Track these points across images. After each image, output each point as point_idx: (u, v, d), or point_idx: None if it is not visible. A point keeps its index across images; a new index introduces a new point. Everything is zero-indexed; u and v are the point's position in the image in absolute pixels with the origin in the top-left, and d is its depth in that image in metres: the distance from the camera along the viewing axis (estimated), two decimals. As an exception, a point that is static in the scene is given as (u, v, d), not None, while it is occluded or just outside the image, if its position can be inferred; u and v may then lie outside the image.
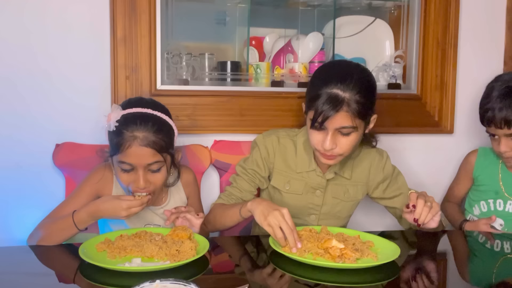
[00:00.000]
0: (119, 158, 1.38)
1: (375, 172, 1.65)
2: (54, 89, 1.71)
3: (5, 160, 1.70)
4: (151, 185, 1.40)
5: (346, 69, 1.48)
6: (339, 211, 1.65)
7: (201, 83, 1.85)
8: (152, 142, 1.36)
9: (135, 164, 1.37)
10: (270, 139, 1.62)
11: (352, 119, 1.42)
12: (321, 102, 1.41)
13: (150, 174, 1.40)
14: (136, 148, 1.35)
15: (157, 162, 1.39)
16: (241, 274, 1.25)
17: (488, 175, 1.80)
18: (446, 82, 2.01)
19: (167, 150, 1.41)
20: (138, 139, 1.35)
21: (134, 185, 1.39)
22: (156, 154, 1.37)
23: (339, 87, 1.41)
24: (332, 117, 1.41)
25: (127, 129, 1.35)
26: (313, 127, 1.46)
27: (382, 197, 1.67)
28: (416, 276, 1.23)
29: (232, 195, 1.61)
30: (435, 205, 1.41)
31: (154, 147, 1.36)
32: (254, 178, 1.62)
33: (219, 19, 2.05)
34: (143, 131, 1.36)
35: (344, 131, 1.44)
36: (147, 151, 1.36)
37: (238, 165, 1.66)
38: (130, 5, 1.71)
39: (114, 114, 1.37)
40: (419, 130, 2.02)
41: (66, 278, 1.20)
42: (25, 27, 1.68)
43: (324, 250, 1.27)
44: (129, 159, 1.37)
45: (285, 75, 1.92)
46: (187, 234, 1.33)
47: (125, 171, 1.39)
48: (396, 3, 2.04)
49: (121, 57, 1.72)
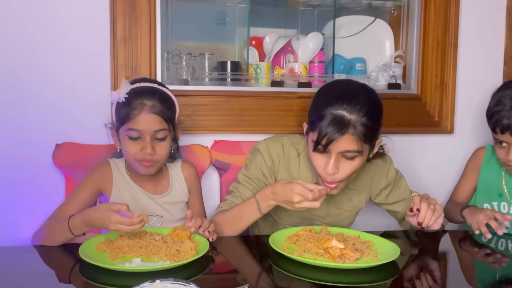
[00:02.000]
0: (128, 126, 1.44)
1: (379, 178, 1.62)
2: (54, 89, 1.71)
3: (5, 160, 1.70)
4: (156, 154, 1.46)
5: (352, 89, 1.40)
6: (342, 220, 1.63)
7: (201, 83, 1.85)
8: (160, 110, 1.45)
9: (144, 129, 1.43)
10: (274, 148, 1.56)
11: (358, 143, 1.35)
12: (325, 124, 1.34)
13: (156, 142, 1.46)
14: (146, 114, 1.43)
15: (164, 130, 1.46)
16: (241, 274, 1.25)
17: (493, 174, 1.77)
18: (446, 82, 2.01)
19: (172, 121, 1.50)
20: (147, 106, 1.44)
21: (141, 153, 1.45)
22: (163, 121, 1.45)
23: (345, 108, 1.34)
24: (336, 141, 1.34)
25: (137, 98, 1.44)
26: (316, 150, 1.39)
27: (385, 202, 1.66)
28: (416, 276, 1.23)
29: (234, 204, 1.53)
30: (438, 207, 1.40)
31: (162, 115, 1.45)
32: (258, 187, 1.55)
33: (219, 19, 2.05)
34: (151, 100, 1.45)
35: (348, 155, 1.37)
36: (155, 117, 1.44)
37: (240, 173, 1.59)
38: (130, 5, 1.71)
39: (124, 88, 1.45)
40: (419, 130, 2.02)
41: (66, 278, 1.20)
42: (24, 27, 1.68)
43: (324, 250, 1.27)
44: (138, 125, 1.43)
45: (285, 75, 1.92)
46: (187, 234, 1.33)
47: (133, 139, 1.45)
48: (396, 3, 2.04)
49: (121, 57, 1.73)
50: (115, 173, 1.55)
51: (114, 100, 1.46)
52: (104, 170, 1.55)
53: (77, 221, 1.34)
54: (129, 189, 1.55)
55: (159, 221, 1.55)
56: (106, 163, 1.57)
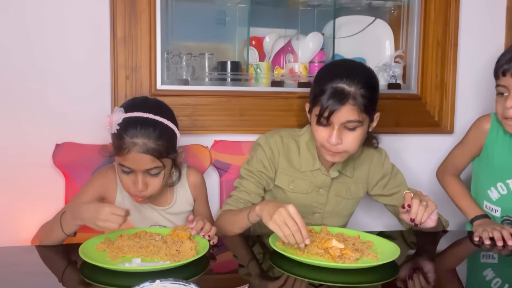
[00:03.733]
0: (119, 161, 1.40)
1: (375, 169, 1.67)
2: (53, 89, 1.71)
3: (5, 160, 1.70)
4: (149, 188, 1.42)
5: (350, 66, 1.52)
6: (342, 209, 1.66)
7: (201, 83, 1.85)
8: (152, 149, 1.36)
9: (134, 168, 1.39)
10: (273, 140, 1.62)
11: (358, 113, 1.42)
12: (326, 97, 1.42)
13: (149, 177, 1.41)
14: (135, 154, 1.36)
15: (156, 168, 1.40)
16: (241, 274, 1.25)
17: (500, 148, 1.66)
18: (446, 82, 2.01)
19: (167, 155, 1.42)
20: (137, 146, 1.35)
21: (133, 188, 1.41)
22: (155, 160, 1.38)
23: (344, 82, 1.42)
24: (338, 111, 1.41)
25: (127, 134, 1.36)
26: (318, 123, 1.46)
27: (381, 194, 1.68)
28: (416, 276, 1.23)
29: (240, 199, 1.58)
30: (431, 204, 1.40)
31: (153, 154, 1.37)
32: (261, 179, 1.60)
33: (219, 19, 2.05)
34: (142, 137, 1.36)
35: (350, 125, 1.44)
36: (146, 157, 1.37)
37: (242, 168, 1.63)
38: (130, 5, 1.71)
39: (116, 117, 1.37)
40: (419, 130, 2.02)
41: (66, 278, 1.19)
42: (24, 27, 1.68)
43: (324, 250, 1.27)
44: (128, 163, 1.38)
45: (285, 75, 1.92)
46: (187, 234, 1.33)
47: (125, 173, 1.41)
48: (396, 3, 2.04)
49: (121, 57, 1.72)
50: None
51: (107, 129, 1.41)
52: (108, 175, 1.53)
53: (67, 216, 1.33)
54: (131, 199, 1.51)
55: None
56: (111, 167, 1.54)
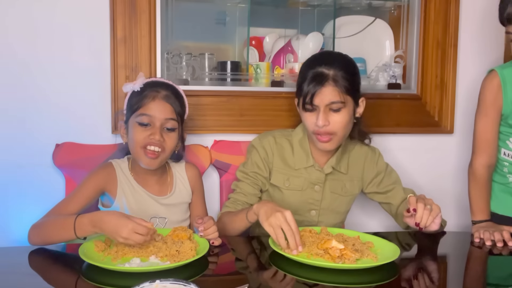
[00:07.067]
0: (139, 112, 1.47)
1: (369, 166, 1.69)
2: (53, 89, 1.71)
3: (5, 159, 1.70)
4: (164, 142, 1.47)
5: (329, 54, 1.65)
6: (338, 206, 1.68)
7: (201, 83, 1.85)
8: (173, 101, 1.50)
9: (155, 116, 1.46)
10: (267, 140, 1.64)
11: (340, 94, 1.47)
12: (307, 82, 1.49)
13: (164, 132, 1.48)
14: (159, 101, 1.48)
15: (174, 120, 1.49)
16: (240, 274, 1.25)
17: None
18: (446, 82, 2.01)
19: (182, 113, 1.54)
20: (161, 94, 1.49)
21: (149, 138, 1.46)
22: (174, 112, 1.50)
23: (323, 67, 1.49)
24: (319, 93, 1.47)
25: (151, 88, 1.50)
26: (305, 109, 1.51)
27: (376, 191, 1.69)
28: (415, 277, 1.23)
29: (238, 200, 1.60)
30: (435, 207, 1.42)
31: (174, 106, 1.50)
32: (256, 180, 1.63)
33: (219, 19, 2.05)
34: (165, 91, 1.51)
35: (334, 107, 1.48)
36: (167, 106, 1.49)
37: (238, 171, 1.66)
38: (130, 5, 1.71)
39: (140, 80, 1.51)
40: (419, 130, 2.02)
41: (66, 278, 1.19)
42: (25, 27, 1.68)
43: (324, 250, 1.27)
44: (150, 111, 1.46)
45: (285, 75, 1.92)
46: (187, 235, 1.33)
47: (143, 125, 1.47)
48: (396, 3, 2.04)
49: (121, 57, 1.73)
50: (119, 173, 1.54)
51: (129, 89, 1.51)
52: (109, 170, 1.54)
53: (85, 221, 1.28)
54: (132, 190, 1.54)
55: (163, 222, 1.55)
56: (109, 164, 1.56)
